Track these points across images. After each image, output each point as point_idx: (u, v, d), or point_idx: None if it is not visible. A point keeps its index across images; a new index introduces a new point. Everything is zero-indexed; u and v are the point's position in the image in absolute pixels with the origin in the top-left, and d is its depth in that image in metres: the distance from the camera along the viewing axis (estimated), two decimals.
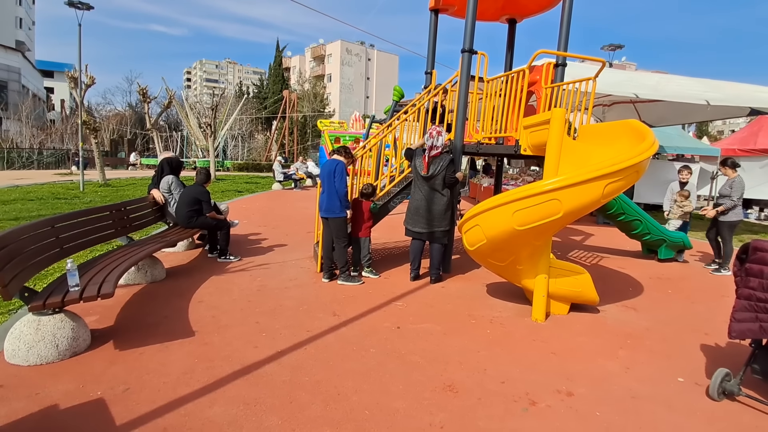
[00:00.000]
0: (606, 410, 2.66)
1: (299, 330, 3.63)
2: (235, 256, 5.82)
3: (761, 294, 2.67)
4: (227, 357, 3.12)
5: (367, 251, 5.20)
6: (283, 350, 3.26)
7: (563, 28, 5.69)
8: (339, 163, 4.94)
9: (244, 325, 3.71)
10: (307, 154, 34.25)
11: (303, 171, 17.70)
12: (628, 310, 4.54)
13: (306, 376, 2.89)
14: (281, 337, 3.49)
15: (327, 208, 4.93)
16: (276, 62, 48.62)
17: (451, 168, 4.86)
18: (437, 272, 5.17)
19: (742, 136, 15.41)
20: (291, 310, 4.10)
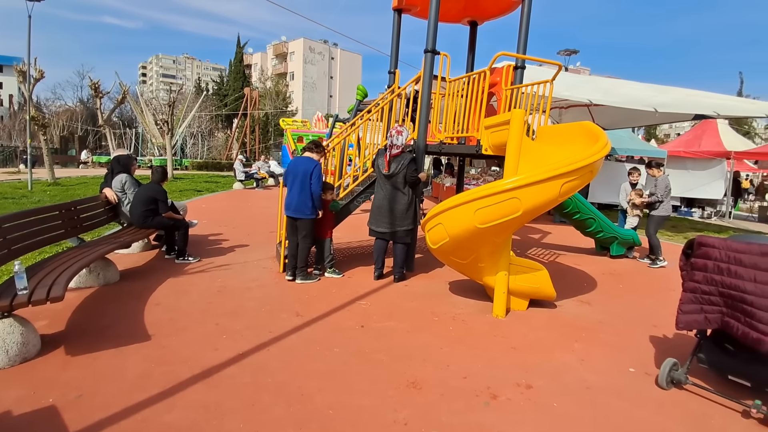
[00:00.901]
0: (563, 401, 2.76)
1: (261, 331, 3.54)
2: (194, 257, 5.62)
3: (705, 287, 2.84)
4: (186, 360, 3.01)
5: (329, 252, 5.15)
6: (245, 352, 3.17)
7: (522, 31, 5.85)
8: (317, 165, 4.86)
9: (203, 327, 3.59)
10: (269, 153, 33.57)
11: (265, 170, 17.34)
12: (583, 304, 4.73)
13: (269, 378, 2.83)
14: (243, 338, 3.40)
15: (297, 208, 4.83)
16: (237, 59, 47.40)
17: (412, 167, 4.88)
18: (401, 271, 5.20)
19: (687, 139, 16.42)
20: (253, 311, 4.01)
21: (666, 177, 6.68)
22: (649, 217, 6.76)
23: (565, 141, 4.40)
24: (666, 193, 6.55)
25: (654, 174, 6.71)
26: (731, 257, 2.70)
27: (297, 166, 4.89)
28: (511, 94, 5.52)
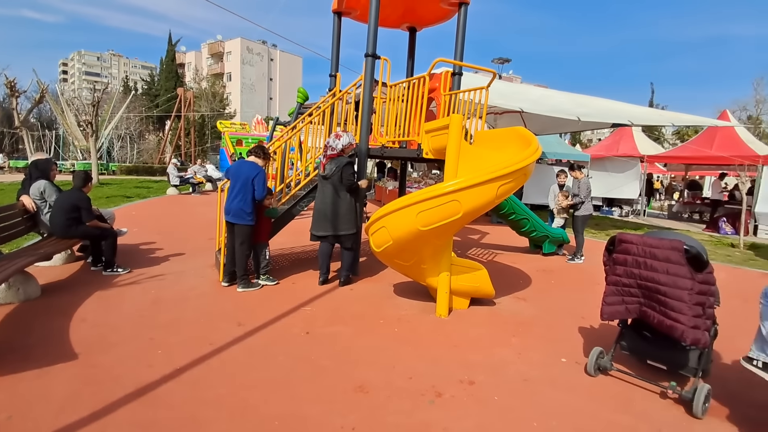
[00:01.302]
0: (503, 394, 2.88)
1: (200, 343, 3.37)
2: (123, 268, 5.24)
3: (626, 280, 3.09)
4: (117, 378, 2.79)
5: (265, 258, 5.00)
6: (183, 366, 3.01)
7: (458, 39, 6.08)
8: (261, 171, 4.74)
9: (136, 342, 3.36)
10: (206, 156, 32.13)
11: (202, 174, 16.57)
12: (520, 300, 4.98)
13: (209, 392, 2.70)
14: (179, 352, 3.21)
15: (236, 213, 4.66)
16: (168, 57, 44.99)
17: (348, 170, 4.85)
18: (346, 275, 5.18)
19: (606, 144, 17.89)
20: (190, 322, 3.81)
21: (587, 179, 7.22)
22: (573, 218, 7.27)
23: (501, 145, 4.62)
24: (587, 193, 7.08)
25: (576, 176, 7.23)
26: (647, 252, 2.97)
27: (239, 170, 4.73)
28: (449, 100, 5.71)
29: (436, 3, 6.21)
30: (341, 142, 4.87)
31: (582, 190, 7.08)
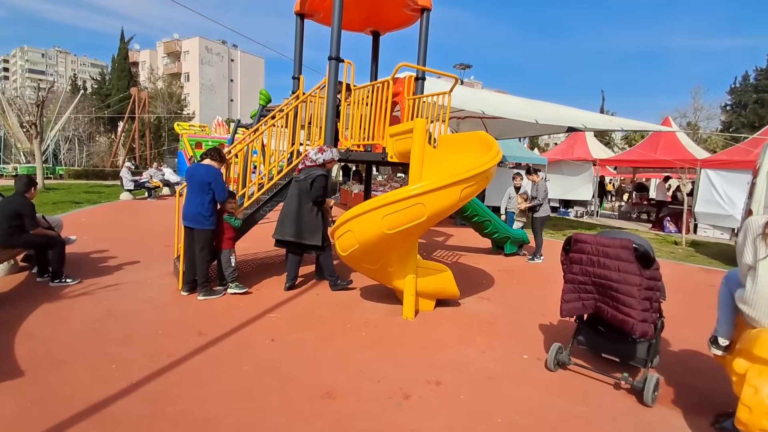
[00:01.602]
0: (469, 392, 2.95)
1: (159, 356, 3.24)
2: (72, 279, 4.96)
3: (582, 278, 3.24)
4: (68, 397, 2.64)
5: (230, 264, 4.83)
6: (140, 381, 2.88)
7: (421, 44, 6.18)
8: (217, 172, 4.62)
9: (88, 357, 3.19)
10: (163, 159, 30.93)
11: (158, 178, 15.94)
12: (483, 300, 5.11)
13: (169, 407, 2.61)
14: (136, 366, 3.08)
15: (194, 218, 4.52)
16: (121, 55, 42.93)
17: (320, 182, 4.82)
18: (333, 279, 5.15)
19: (562, 148, 18.67)
20: (148, 335, 3.65)
21: (544, 182, 7.52)
22: (532, 219, 7.54)
23: (463, 149, 4.73)
24: (545, 196, 7.37)
25: (534, 180, 7.51)
26: (600, 251, 3.12)
27: (195, 173, 4.61)
28: (413, 104, 5.78)
29: (398, 8, 6.29)
30: (323, 156, 4.92)
31: (540, 192, 7.35)
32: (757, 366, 2.28)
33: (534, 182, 7.48)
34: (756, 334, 2.38)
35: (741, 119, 32.48)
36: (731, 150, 13.40)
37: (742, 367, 2.34)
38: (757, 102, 32.41)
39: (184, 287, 4.69)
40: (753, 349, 2.31)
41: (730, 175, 11.73)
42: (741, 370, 2.34)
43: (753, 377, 2.26)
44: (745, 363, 2.34)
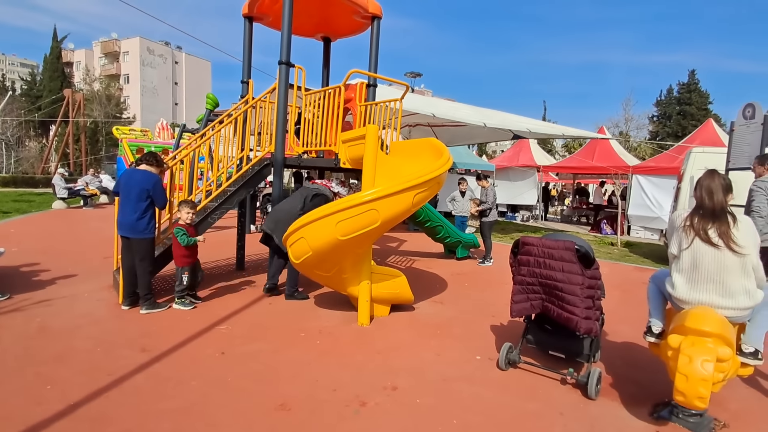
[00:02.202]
0: (425, 396, 2.98)
1: (98, 375, 3.02)
2: (1, 294, 4.53)
3: (529, 279, 3.38)
4: (1, 419, 2.40)
5: (181, 282, 4.53)
6: (78, 402, 2.67)
7: (372, 52, 6.23)
8: (156, 179, 4.41)
9: (19, 378, 2.92)
10: (100, 166, 29.05)
11: (95, 186, 14.93)
12: (437, 304, 5.19)
13: (110, 428, 2.43)
14: (74, 386, 2.85)
15: (131, 227, 4.26)
16: (53, 55, 40.04)
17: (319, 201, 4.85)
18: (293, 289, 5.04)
19: (508, 155, 19.50)
20: (86, 352, 3.39)
21: (493, 188, 7.82)
22: (481, 224, 7.79)
23: (415, 155, 4.80)
24: (494, 201, 7.65)
25: (483, 185, 7.77)
26: (546, 252, 3.27)
27: (131, 179, 4.36)
28: (365, 110, 5.81)
29: (349, 15, 6.31)
30: (341, 190, 5.20)
31: (489, 197, 7.61)
32: (689, 337, 2.52)
33: (484, 187, 7.72)
34: (686, 311, 2.67)
35: (666, 129, 35.39)
36: (658, 157, 14.59)
37: (677, 341, 2.57)
38: (680, 113, 35.48)
39: (125, 301, 4.41)
40: (685, 323, 2.56)
41: (658, 181, 12.73)
42: (675, 344, 2.56)
43: (686, 347, 2.48)
44: (679, 337, 2.57)
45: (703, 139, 13.02)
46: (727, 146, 6.02)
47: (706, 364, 2.37)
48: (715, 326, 2.48)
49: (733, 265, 2.58)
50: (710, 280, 2.63)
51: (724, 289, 2.61)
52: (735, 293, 2.60)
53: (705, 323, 2.50)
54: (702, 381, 2.36)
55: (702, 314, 2.56)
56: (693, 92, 35.66)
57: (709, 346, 2.44)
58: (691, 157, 8.51)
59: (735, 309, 2.60)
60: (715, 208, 2.67)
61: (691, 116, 34.35)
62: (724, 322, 2.56)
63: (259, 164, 5.59)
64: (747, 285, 2.60)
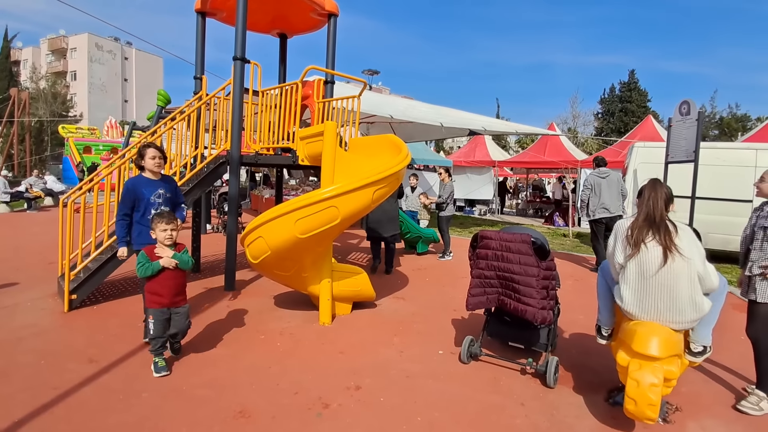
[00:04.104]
0: (388, 394, 2.97)
1: (42, 389, 2.82)
2: None
3: (488, 272, 3.43)
4: None
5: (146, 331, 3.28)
6: (22, 419, 2.49)
7: (329, 49, 6.15)
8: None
9: None
10: (44, 166, 27.20)
11: (39, 188, 13.96)
12: (399, 300, 5.20)
13: None
14: (16, 403, 2.65)
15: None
16: (2, 54, 37.19)
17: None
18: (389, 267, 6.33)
19: (465, 151, 19.89)
20: (28, 366, 3.16)
21: (452, 183, 7.96)
22: (438, 218, 7.93)
23: (374, 152, 4.77)
24: (449, 196, 7.79)
25: (444, 179, 7.91)
26: (503, 246, 3.34)
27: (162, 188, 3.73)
28: (323, 107, 5.72)
29: (305, 12, 6.20)
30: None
31: (445, 192, 7.74)
32: (636, 360, 2.52)
33: (443, 182, 7.84)
34: (633, 328, 2.61)
35: (610, 125, 37.18)
36: (604, 152, 15.30)
37: (624, 360, 2.58)
38: (622, 111, 37.34)
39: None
40: (632, 345, 2.52)
41: None
42: (624, 363, 2.58)
43: (634, 371, 2.49)
44: (626, 357, 2.58)
45: (643, 135, 13.74)
46: (665, 141, 6.37)
47: (654, 389, 2.40)
48: (661, 349, 2.46)
49: (681, 275, 2.54)
50: (658, 293, 2.58)
51: (672, 302, 2.56)
52: (683, 308, 2.55)
53: (651, 347, 2.46)
54: (650, 406, 2.40)
55: (648, 335, 2.50)
56: (633, 91, 37.57)
57: (656, 368, 2.45)
58: (633, 151, 8.95)
59: (682, 323, 2.58)
60: (657, 218, 2.66)
61: (632, 113, 36.20)
62: (670, 337, 2.53)
63: (214, 162, 5.40)
64: (694, 296, 2.55)
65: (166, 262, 3.12)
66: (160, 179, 3.74)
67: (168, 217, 3.20)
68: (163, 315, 3.14)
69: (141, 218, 3.61)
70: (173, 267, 3.17)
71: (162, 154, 3.72)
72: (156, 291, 3.16)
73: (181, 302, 3.25)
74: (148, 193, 3.62)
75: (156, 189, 3.67)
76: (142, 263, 3.10)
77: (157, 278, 3.14)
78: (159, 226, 3.15)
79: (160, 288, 3.15)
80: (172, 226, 3.18)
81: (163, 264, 3.12)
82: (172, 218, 3.22)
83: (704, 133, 5.57)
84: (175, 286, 3.22)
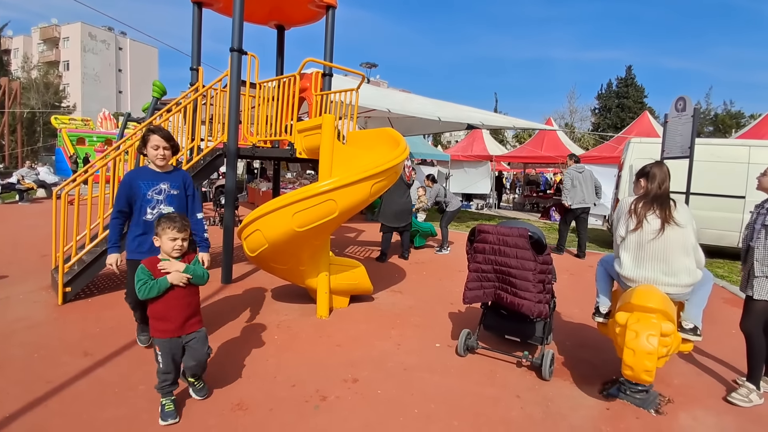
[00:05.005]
0: (386, 387, 2.98)
1: (35, 383, 2.80)
2: None
3: (485, 266, 3.44)
4: None
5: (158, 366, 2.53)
6: (14, 413, 2.47)
7: (327, 41, 6.10)
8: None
9: None
10: (37, 158, 26.91)
11: (32, 179, 13.84)
12: (396, 293, 5.21)
13: None
14: (9, 397, 2.63)
15: None
16: None
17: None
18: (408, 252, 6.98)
19: (462, 145, 19.87)
20: (21, 360, 3.14)
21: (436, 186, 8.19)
22: (443, 213, 8.03)
23: (372, 145, 4.75)
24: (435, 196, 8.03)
25: (428, 185, 8.27)
26: (501, 240, 3.34)
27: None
28: (321, 100, 5.69)
29: (303, 4, 6.13)
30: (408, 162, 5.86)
31: (431, 196, 8.12)
32: (635, 313, 2.68)
33: (429, 187, 8.20)
34: (632, 290, 2.84)
35: (607, 121, 37.23)
36: (600, 147, 15.35)
37: (623, 317, 2.71)
38: (619, 106, 37.41)
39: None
40: (631, 300, 2.73)
41: (601, 169, 13.30)
42: (622, 321, 2.71)
43: (633, 323, 2.63)
44: (626, 314, 2.72)
45: (639, 130, 13.79)
46: (661, 137, 6.39)
47: (651, 338, 2.53)
48: (658, 303, 2.65)
49: (675, 243, 2.78)
50: (654, 258, 2.83)
51: (668, 266, 2.80)
52: (677, 271, 2.79)
53: (649, 300, 2.66)
54: (648, 354, 2.51)
55: (646, 291, 2.73)
56: (630, 86, 37.60)
57: (654, 322, 2.59)
58: (630, 147, 8.97)
59: (677, 286, 2.81)
60: (663, 193, 2.91)
61: (628, 109, 36.26)
62: (666, 299, 2.73)
63: (211, 155, 5.36)
64: (687, 263, 2.81)
65: (175, 278, 2.46)
66: (166, 172, 3.12)
67: (180, 222, 2.49)
68: (174, 346, 2.50)
69: (137, 220, 3.04)
70: (185, 284, 2.54)
71: (169, 143, 3.05)
72: (162, 315, 2.48)
73: (195, 326, 2.59)
74: (146, 188, 3.01)
75: (156, 183, 3.05)
76: (143, 280, 2.41)
77: (162, 299, 2.46)
78: (167, 233, 2.47)
79: (167, 311, 2.48)
80: (184, 236, 2.51)
81: (172, 281, 2.45)
82: (185, 225, 2.52)
83: (699, 129, 5.65)
84: (187, 308, 2.54)
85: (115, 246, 3.06)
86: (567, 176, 7.72)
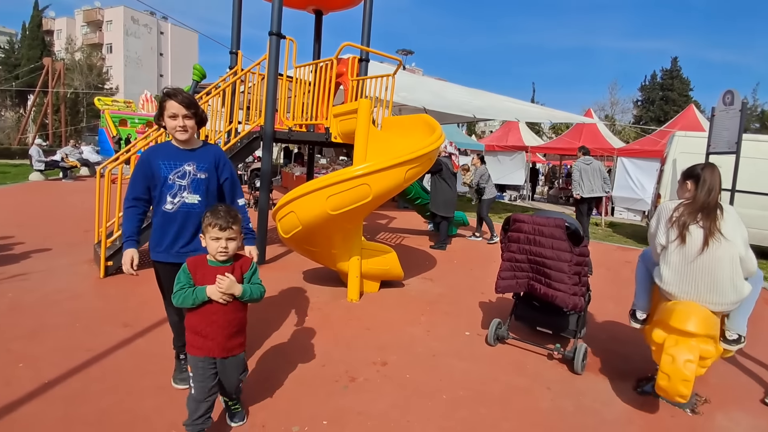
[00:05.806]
0: (414, 371, 2.98)
1: (76, 351, 2.92)
2: None
3: (519, 256, 3.37)
4: None
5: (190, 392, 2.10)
6: (53, 380, 2.57)
7: (365, 26, 6.05)
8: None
9: None
10: (80, 137, 28.20)
11: (75, 157, 14.52)
12: (426, 281, 5.20)
13: (88, 406, 2.35)
14: (48, 364, 2.74)
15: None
16: (33, 23, 38.37)
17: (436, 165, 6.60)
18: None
19: (497, 136, 19.46)
20: (62, 328, 3.29)
21: (484, 167, 8.11)
22: (480, 201, 7.98)
23: (407, 131, 4.72)
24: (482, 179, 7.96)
25: (476, 164, 8.20)
26: (536, 229, 3.26)
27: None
28: (357, 85, 5.67)
29: None
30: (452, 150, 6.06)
31: (476, 176, 8.02)
32: (673, 336, 2.48)
33: (475, 166, 8.08)
34: (672, 306, 2.58)
35: (649, 113, 35.65)
36: (642, 140, 14.69)
37: (660, 337, 2.54)
38: (663, 99, 35.75)
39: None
40: (669, 321, 2.49)
41: (642, 163, 12.87)
42: (659, 340, 2.53)
43: (670, 347, 2.44)
44: (663, 333, 2.53)
45: (684, 124, 13.12)
46: (707, 131, 6.05)
47: (689, 365, 2.34)
48: (699, 326, 2.42)
49: (721, 260, 2.52)
50: (698, 275, 2.56)
51: (713, 284, 2.53)
52: (723, 290, 2.53)
53: (689, 323, 2.43)
54: (683, 382, 2.34)
55: (687, 313, 2.48)
56: (675, 79, 35.88)
57: (692, 344, 2.39)
58: (674, 140, 8.57)
59: (722, 304, 2.55)
60: (711, 203, 2.60)
61: (672, 102, 34.63)
62: (708, 318, 2.50)
63: (248, 137, 5.45)
64: (735, 279, 2.53)
65: (215, 294, 1.97)
66: (191, 149, 2.38)
67: (224, 219, 1.97)
68: (210, 367, 2.04)
69: (156, 210, 2.37)
70: (226, 301, 2.02)
71: (189, 111, 2.28)
72: (199, 330, 2.01)
73: (237, 349, 2.10)
74: (167, 170, 2.31)
75: (179, 164, 2.33)
76: (181, 284, 1.98)
77: (198, 310, 2.01)
78: (209, 232, 1.99)
79: (204, 326, 2.01)
80: (228, 234, 1.98)
81: (210, 295, 1.98)
82: (230, 219, 1.98)
83: (746, 125, 5.34)
84: (228, 326, 2.04)
85: (131, 239, 2.31)
86: (575, 168, 7.80)
